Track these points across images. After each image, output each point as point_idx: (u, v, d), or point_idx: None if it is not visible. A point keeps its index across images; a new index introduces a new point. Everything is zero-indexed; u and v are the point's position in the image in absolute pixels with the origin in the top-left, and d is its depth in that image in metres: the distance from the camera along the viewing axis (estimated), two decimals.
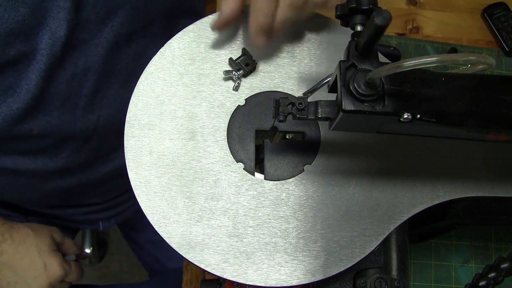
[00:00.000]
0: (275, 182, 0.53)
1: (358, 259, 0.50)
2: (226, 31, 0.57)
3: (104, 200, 0.94)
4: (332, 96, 0.43)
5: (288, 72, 0.56)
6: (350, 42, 0.42)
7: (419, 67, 0.35)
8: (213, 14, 0.57)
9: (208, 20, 0.57)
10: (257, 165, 0.54)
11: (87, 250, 1.52)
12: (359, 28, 0.44)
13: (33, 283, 0.73)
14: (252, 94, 0.55)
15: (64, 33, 0.60)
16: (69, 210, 0.94)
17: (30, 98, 0.62)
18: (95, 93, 0.69)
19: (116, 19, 0.64)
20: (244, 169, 0.53)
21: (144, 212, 0.50)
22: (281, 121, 0.45)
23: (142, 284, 1.11)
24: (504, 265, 0.47)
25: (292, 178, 0.53)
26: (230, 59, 0.56)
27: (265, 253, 0.50)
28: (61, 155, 0.73)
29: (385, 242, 0.53)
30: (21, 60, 0.59)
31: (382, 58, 0.55)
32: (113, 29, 0.65)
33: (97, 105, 0.70)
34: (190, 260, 0.49)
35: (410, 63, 0.35)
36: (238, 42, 0.57)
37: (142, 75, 0.55)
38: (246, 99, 0.55)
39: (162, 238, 0.50)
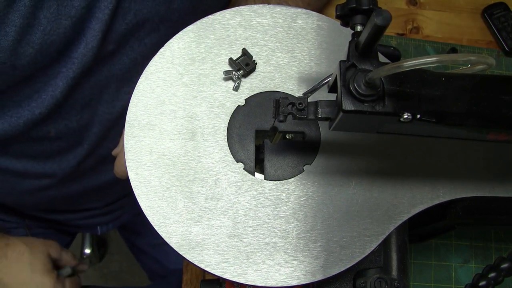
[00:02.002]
0: (275, 182, 0.53)
1: (358, 259, 0.50)
2: (226, 31, 0.57)
3: (102, 205, 0.95)
4: (332, 96, 0.43)
5: (288, 72, 0.56)
6: (350, 42, 0.42)
7: (419, 67, 0.35)
8: (213, 14, 0.57)
9: (208, 20, 0.57)
10: (257, 165, 0.54)
11: (87, 250, 1.52)
12: (359, 28, 0.44)
13: None
14: (252, 94, 0.55)
15: (97, 44, 0.60)
16: (68, 215, 0.94)
17: (54, 103, 0.63)
18: (115, 99, 0.69)
19: (143, 31, 0.64)
20: (244, 169, 0.53)
21: (144, 212, 0.50)
22: (281, 121, 0.45)
23: None
24: (504, 265, 0.47)
25: (292, 178, 0.53)
26: (230, 59, 0.56)
27: (265, 253, 0.50)
28: (71, 161, 0.73)
29: (385, 242, 0.53)
30: (52, 66, 0.59)
31: (382, 58, 0.55)
32: (139, 39, 0.65)
33: (115, 111, 0.70)
34: (190, 260, 0.49)
35: (410, 63, 0.35)
36: (238, 42, 0.57)
37: (142, 75, 0.55)
38: (246, 99, 0.55)
39: (162, 241, 0.50)
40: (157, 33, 0.66)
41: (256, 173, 0.53)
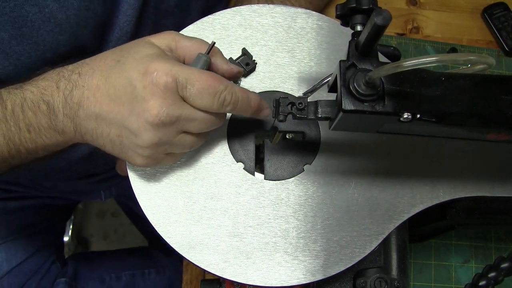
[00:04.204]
0: (275, 182, 0.53)
1: (358, 259, 0.50)
2: (226, 31, 0.57)
3: (106, 169, 0.94)
4: (332, 96, 0.43)
5: (288, 72, 0.56)
6: (350, 42, 0.42)
7: (419, 67, 0.35)
8: (213, 14, 0.57)
9: (208, 20, 0.57)
10: (257, 165, 0.54)
11: (65, 238, 1.50)
12: (359, 28, 0.44)
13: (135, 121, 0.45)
14: None
15: (130, 29, 0.60)
16: (73, 182, 0.94)
17: None
18: None
19: (159, 13, 0.64)
20: (244, 169, 0.53)
21: (144, 212, 0.50)
22: (281, 121, 0.45)
23: (148, 247, 1.11)
24: (504, 265, 0.47)
25: (292, 178, 0.53)
26: (230, 59, 0.56)
27: (265, 253, 0.50)
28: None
29: (385, 242, 0.53)
30: (91, 51, 0.59)
31: (382, 58, 0.55)
32: (155, 22, 0.64)
33: None
34: (190, 260, 0.49)
35: (410, 63, 0.35)
36: (238, 42, 0.57)
37: None
38: None
39: None
40: (172, 17, 0.66)
41: (256, 173, 0.53)
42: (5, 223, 0.89)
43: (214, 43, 0.48)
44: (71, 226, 1.51)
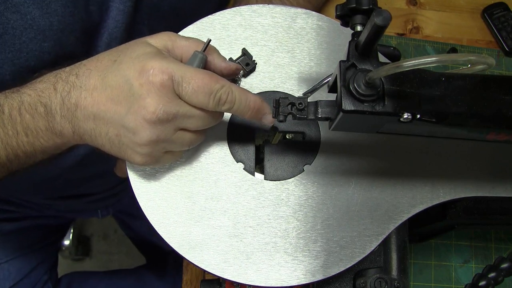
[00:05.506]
0: (275, 182, 0.53)
1: (358, 259, 0.50)
2: (226, 31, 0.57)
3: (104, 189, 0.94)
4: (332, 96, 0.43)
5: (288, 72, 0.56)
6: (350, 42, 0.42)
7: (419, 67, 0.35)
8: (213, 14, 0.57)
9: (208, 20, 0.57)
10: (257, 165, 0.54)
11: (66, 242, 1.50)
12: (359, 28, 0.44)
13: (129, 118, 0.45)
14: None
15: (120, 35, 0.59)
16: (71, 201, 0.94)
17: None
18: None
19: (153, 19, 0.64)
20: (244, 169, 0.53)
21: (144, 212, 0.50)
22: (281, 121, 0.45)
23: (142, 268, 1.11)
24: (504, 265, 0.47)
25: (292, 178, 0.53)
26: (230, 59, 0.55)
27: (265, 253, 0.50)
28: (83, 147, 0.72)
29: (385, 242, 0.53)
30: (79, 57, 0.59)
31: (382, 58, 0.55)
32: (149, 27, 0.64)
33: None
34: (190, 260, 0.49)
35: (410, 63, 0.35)
36: (238, 42, 0.57)
37: None
38: None
39: None
40: (167, 22, 0.65)
41: (256, 173, 0.53)
42: (0, 246, 0.89)
43: (210, 40, 0.48)
44: (71, 229, 1.51)
